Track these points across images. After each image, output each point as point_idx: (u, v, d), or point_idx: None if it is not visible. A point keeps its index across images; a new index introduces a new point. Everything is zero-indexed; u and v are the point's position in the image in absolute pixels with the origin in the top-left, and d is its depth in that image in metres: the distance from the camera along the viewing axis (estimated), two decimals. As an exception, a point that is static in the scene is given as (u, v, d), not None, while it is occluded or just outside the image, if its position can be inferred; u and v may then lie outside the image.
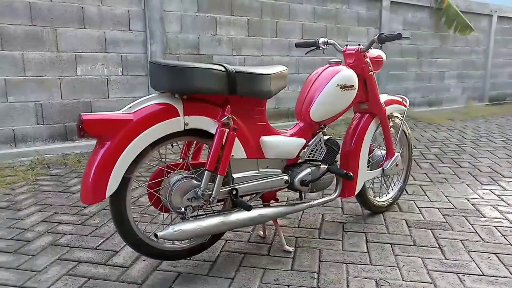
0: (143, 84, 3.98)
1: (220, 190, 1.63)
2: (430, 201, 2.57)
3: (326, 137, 2.00)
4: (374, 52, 2.16)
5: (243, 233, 2.07)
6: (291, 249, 1.89)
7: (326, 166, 1.93)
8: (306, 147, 1.90)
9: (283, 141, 1.82)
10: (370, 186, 2.41)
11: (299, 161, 1.90)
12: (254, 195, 1.81)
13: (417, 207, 2.47)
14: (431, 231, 2.13)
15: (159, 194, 1.60)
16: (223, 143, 1.57)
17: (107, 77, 3.78)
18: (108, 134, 1.39)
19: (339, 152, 2.05)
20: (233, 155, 1.65)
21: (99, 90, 3.76)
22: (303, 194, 1.97)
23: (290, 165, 1.89)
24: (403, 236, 2.07)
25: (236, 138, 1.65)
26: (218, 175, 1.57)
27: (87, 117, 1.35)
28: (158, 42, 3.95)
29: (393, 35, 1.89)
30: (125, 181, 1.46)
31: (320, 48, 2.13)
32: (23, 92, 3.40)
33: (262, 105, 1.76)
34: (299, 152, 1.89)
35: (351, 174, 1.90)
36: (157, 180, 1.61)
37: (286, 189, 1.89)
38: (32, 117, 3.47)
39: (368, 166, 2.27)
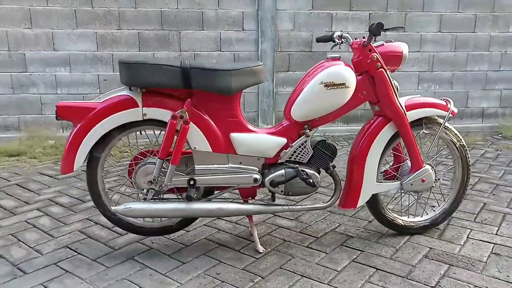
0: (253, 80, 4.25)
1: (178, 179, 1.75)
2: (496, 234, 2.03)
3: (318, 139, 1.86)
4: (390, 45, 1.86)
5: (239, 226, 2.12)
6: (261, 249, 1.86)
7: (308, 171, 1.80)
8: (289, 148, 1.82)
9: (256, 139, 1.80)
10: (397, 201, 2.07)
11: (279, 161, 1.83)
12: (222, 189, 1.86)
13: (468, 237, 2.00)
14: (448, 266, 1.73)
15: (131, 176, 1.83)
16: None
17: (220, 73, 4.20)
18: (77, 118, 1.70)
19: (334, 157, 1.86)
20: (195, 147, 1.76)
21: (213, 85, 4.22)
22: (275, 195, 1.90)
23: (269, 164, 1.84)
24: (403, 264, 1.76)
25: (199, 130, 1.74)
26: (170, 165, 1.71)
27: (60, 104, 1.69)
28: (269, 40, 4.15)
29: (376, 27, 1.68)
30: (96, 159, 1.76)
31: (336, 42, 1.96)
32: (152, 85, 4.13)
33: (231, 101, 1.78)
34: (280, 152, 1.82)
35: (314, 183, 1.72)
36: (134, 163, 1.84)
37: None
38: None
39: (396, 178, 1.98)
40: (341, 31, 2.04)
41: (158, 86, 1.69)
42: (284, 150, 1.83)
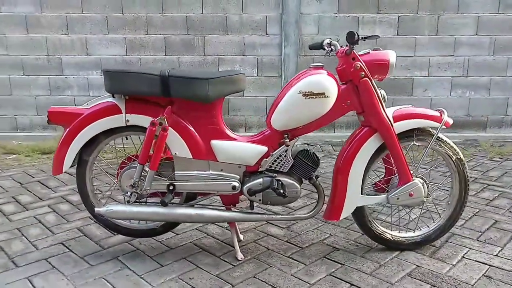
0: (275, 84, 4.25)
1: (158, 184, 1.81)
2: (496, 256, 1.89)
3: (300, 149, 1.83)
4: (376, 53, 1.79)
5: (228, 232, 2.14)
6: (240, 257, 1.87)
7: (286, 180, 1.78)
8: (269, 156, 1.81)
9: (236, 147, 1.81)
10: (385, 216, 1.99)
11: (260, 169, 1.83)
12: (204, 195, 1.89)
13: (463, 257, 1.88)
14: (430, 287, 1.63)
15: (118, 178, 1.91)
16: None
17: (243, 77, 4.24)
18: (66, 123, 1.81)
19: (316, 167, 1.83)
20: (176, 153, 1.80)
21: (236, 89, 4.27)
22: (254, 204, 1.89)
23: (250, 172, 1.84)
24: (381, 281, 1.69)
25: (180, 137, 1.78)
26: (149, 170, 1.76)
27: (52, 109, 1.81)
28: (292, 44, 4.13)
29: (348, 35, 1.68)
30: (85, 162, 1.86)
31: (326, 49, 1.92)
32: (177, 88, 4.25)
33: (212, 109, 1.81)
34: (261, 160, 1.82)
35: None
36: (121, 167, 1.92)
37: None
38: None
39: (386, 191, 1.92)
40: (330, 38, 1.99)
41: (138, 94, 1.76)
42: (265, 159, 1.82)
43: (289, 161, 1.81)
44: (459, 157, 1.89)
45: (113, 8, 4.08)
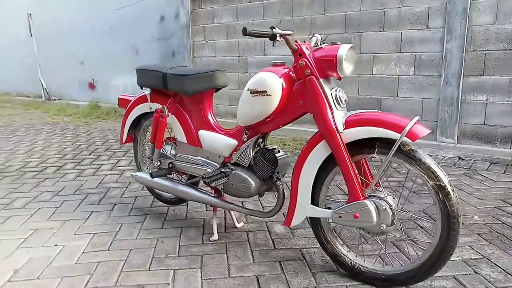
0: (434, 85, 3.70)
1: (164, 160, 2.21)
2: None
3: (264, 148, 1.84)
4: (326, 48, 1.56)
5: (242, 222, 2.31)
6: (212, 239, 2.04)
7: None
8: (238, 150, 1.91)
9: (214, 138, 1.99)
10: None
11: (231, 161, 1.95)
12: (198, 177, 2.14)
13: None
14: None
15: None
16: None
17: (398, 77, 3.90)
18: (125, 107, 2.44)
19: (274, 168, 1.78)
20: (177, 138, 2.16)
21: (390, 89, 3.97)
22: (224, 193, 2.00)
23: (227, 162, 1.98)
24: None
25: (179, 124, 2.13)
26: (155, 149, 2.19)
27: (120, 97, 2.48)
28: (457, 38, 3.50)
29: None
30: (135, 137, 2.47)
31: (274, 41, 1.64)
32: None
33: (199, 102, 2.04)
34: (232, 153, 1.94)
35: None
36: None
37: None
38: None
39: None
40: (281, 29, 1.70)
41: (152, 87, 2.19)
42: (235, 152, 1.92)
43: (248, 157, 1.85)
44: (438, 184, 1.42)
45: (285, 12, 4.55)
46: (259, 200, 2.60)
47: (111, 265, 1.82)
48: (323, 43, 1.76)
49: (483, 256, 1.85)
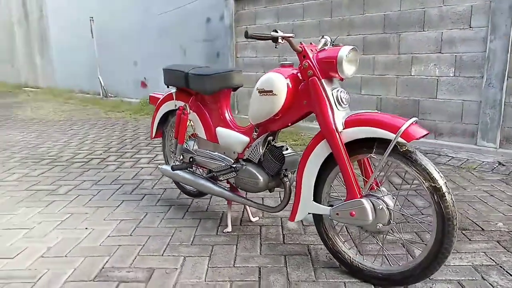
0: (476, 86, 3.55)
1: (186, 154, 2.34)
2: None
3: (274, 145, 1.91)
4: (328, 50, 1.60)
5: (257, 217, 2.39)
6: (225, 231, 2.15)
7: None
8: (250, 147, 1.99)
9: (228, 135, 2.09)
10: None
11: (244, 157, 2.04)
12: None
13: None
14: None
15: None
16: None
17: (437, 78, 3.78)
18: (155, 104, 2.61)
19: (281, 165, 1.85)
20: (198, 134, 2.29)
21: (428, 90, 3.86)
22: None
23: (240, 159, 2.08)
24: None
25: (200, 121, 2.26)
26: (178, 144, 2.33)
27: (151, 94, 2.65)
28: (501, 37, 3.34)
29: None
30: (163, 132, 2.63)
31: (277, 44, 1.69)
32: (371, 87, 4.29)
33: (217, 101, 2.15)
34: (245, 149, 2.03)
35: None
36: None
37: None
38: (373, 107, 4.30)
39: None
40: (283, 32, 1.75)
41: (176, 85, 2.33)
42: (247, 148, 2.01)
43: (258, 153, 1.93)
44: (434, 185, 1.42)
45: (324, 13, 4.56)
46: (279, 196, 2.67)
47: (130, 249, 1.98)
48: (333, 44, 1.79)
49: (496, 263, 1.79)
